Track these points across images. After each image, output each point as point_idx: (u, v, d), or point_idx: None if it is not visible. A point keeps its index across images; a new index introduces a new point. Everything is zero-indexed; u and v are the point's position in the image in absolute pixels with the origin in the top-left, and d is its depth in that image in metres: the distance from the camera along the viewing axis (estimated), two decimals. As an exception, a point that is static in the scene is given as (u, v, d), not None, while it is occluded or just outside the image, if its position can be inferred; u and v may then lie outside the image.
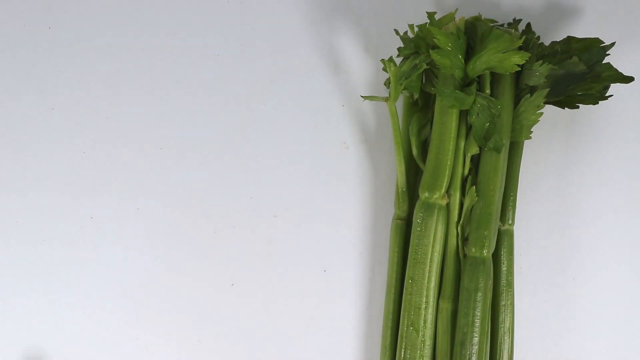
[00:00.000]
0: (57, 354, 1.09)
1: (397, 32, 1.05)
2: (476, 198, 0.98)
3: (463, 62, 0.97)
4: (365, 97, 1.00)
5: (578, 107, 1.01)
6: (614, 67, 0.99)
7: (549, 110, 1.04)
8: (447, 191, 0.99)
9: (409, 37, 1.03)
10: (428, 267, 0.99)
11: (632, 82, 0.98)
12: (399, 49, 1.04)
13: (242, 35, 1.12)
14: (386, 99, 0.99)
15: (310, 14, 1.13)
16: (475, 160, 1.01)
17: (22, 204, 1.11)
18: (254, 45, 1.12)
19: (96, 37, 1.13)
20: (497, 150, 0.97)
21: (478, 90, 0.98)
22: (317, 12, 1.12)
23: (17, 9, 1.13)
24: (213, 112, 1.12)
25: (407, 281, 0.99)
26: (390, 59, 0.99)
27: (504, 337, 1.01)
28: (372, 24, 1.12)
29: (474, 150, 0.99)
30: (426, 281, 0.99)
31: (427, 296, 0.99)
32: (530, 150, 1.06)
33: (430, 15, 1.00)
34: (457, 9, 1.00)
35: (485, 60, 0.96)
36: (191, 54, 1.12)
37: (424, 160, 1.03)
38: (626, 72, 0.98)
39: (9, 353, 1.10)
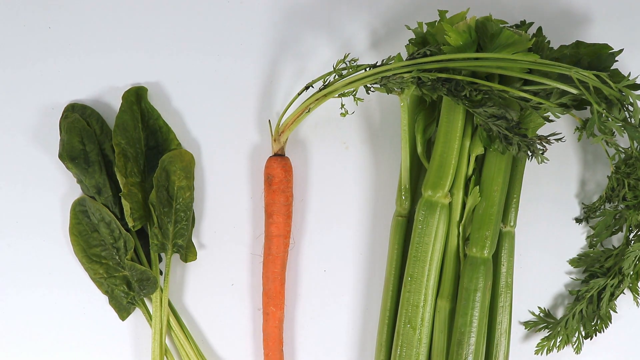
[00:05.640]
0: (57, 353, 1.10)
1: (408, 27, 1.05)
2: (479, 198, 0.98)
3: (473, 60, 0.97)
4: (376, 89, 1.00)
5: (586, 108, 1.01)
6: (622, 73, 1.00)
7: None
8: (450, 190, 0.99)
9: (421, 32, 1.03)
10: (428, 266, 0.99)
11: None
12: (408, 43, 1.04)
13: (242, 35, 1.12)
14: (399, 93, 0.99)
15: (311, 12, 1.12)
16: (480, 161, 1.01)
17: (21, 205, 1.11)
18: (254, 45, 1.12)
19: (96, 38, 1.12)
20: (502, 151, 0.97)
21: (486, 90, 0.98)
22: (318, 10, 1.12)
23: (17, 9, 1.13)
24: (213, 112, 1.12)
25: (406, 279, 0.99)
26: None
27: (500, 338, 1.01)
28: (377, 21, 1.12)
29: (479, 150, 0.99)
30: (425, 279, 0.99)
31: (425, 294, 0.99)
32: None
33: (442, 12, 1.00)
34: (468, 8, 1.00)
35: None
36: (191, 54, 1.12)
37: (428, 159, 1.03)
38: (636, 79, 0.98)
39: (8, 353, 1.10)
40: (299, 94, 1.05)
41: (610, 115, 0.94)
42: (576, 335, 1.04)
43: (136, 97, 1.10)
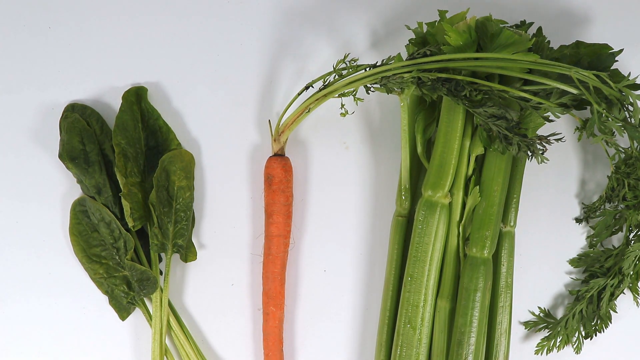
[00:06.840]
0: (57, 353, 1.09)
1: (408, 27, 1.05)
2: (479, 198, 0.98)
3: (473, 61, 0.97)
4: (376, 89, 1.00)
5: (586, 108, 1.01)
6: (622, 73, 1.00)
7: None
8: (450, 190, 0.99)
9: (421, 32, 1.03)
10: (428, 266, 0.99)
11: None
12: (408, 43, 1.04)
13: (242, 35, 1.12)
14: (399, 93, 0.99)
15: (311, 12, 1.12)
16: (480, 161, 1.01)
17: (21, 205, 1.11)
18: (254, 45, 1.12)
19: (96, 38, 1.12)
20: (502, 151, 0.97)
21: (486, 90, 0.98)
22: (318, 10, 1.12)
23: (17, 9, 1.13)
24: (213, 112, 1.12)
25: (406, 279, 0.99)
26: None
27: (500, 338, 1.01)
28: (377, 21, 1.12)
29: (479, 150, 0.99)
30: (425, 279, 0.99)
31: (425, 294, 0.99)
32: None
33: (442, 12, 1.00)
34: (468, 8, 1.00)
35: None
36: (191, 54, 1.12)
37: (428, 159, 1.03)
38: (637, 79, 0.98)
39: (8, 352, 1.09)
40: (299, 94, 1.05)
41: (610, 115, 0.94)
42: (576, 335, 1.04)
43: (136, 97, 1.10)
